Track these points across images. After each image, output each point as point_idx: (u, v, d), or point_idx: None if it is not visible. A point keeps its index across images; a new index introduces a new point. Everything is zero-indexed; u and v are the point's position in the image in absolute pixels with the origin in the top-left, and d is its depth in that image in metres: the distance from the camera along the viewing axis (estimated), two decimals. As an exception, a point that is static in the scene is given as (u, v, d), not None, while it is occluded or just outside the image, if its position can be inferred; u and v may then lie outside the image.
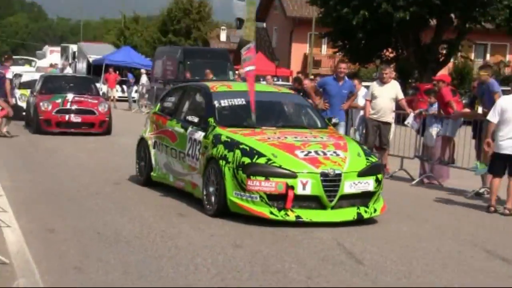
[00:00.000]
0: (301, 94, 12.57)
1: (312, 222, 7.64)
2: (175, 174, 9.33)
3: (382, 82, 12.01)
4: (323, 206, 7.75)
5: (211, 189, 8.24)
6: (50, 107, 17.94)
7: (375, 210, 8.13)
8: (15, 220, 7.62)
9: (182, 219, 7.99)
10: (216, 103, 9.17)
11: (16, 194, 9.19)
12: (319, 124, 9.63)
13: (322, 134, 8.98)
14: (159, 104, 10.96)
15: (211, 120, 8.85)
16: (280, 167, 7.72)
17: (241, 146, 8.06)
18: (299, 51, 42.67)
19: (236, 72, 23.66)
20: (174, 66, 27.08)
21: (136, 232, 7.42)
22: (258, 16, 44.43)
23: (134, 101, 30.15)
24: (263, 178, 7.63)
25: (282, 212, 7.61)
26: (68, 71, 33.61)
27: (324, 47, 40.30)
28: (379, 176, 8.25)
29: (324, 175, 7.64)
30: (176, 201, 8.98)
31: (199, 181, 8.57)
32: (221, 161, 8.05)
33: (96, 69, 36.03)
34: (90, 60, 38.33)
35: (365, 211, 7.99)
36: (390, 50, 29.56)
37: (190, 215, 8.26)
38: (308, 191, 7.65)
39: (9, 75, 17.21)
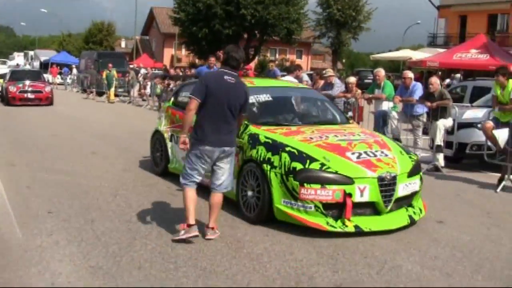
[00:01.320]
0: (168, 78, 14.16)
1: (371, 231, 6.48)
2: None
3: None
4: (377, 212, 6.68)
5: (249, 193, 7.05)
6: (15, 89, 24.79)
7: (420, 211, 7.20)
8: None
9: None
10: None
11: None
12: (340, 119, 8.78)
13: (355, 130, 8.05)
14: (172, 98, 9.99)
15: None
16: (336, 173, 6.52)
17: (287, 149, 6.82)
18: (168, 53, 64.02)
19: (131, 66, 35.07)
20: (92, 63, 39.28)
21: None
22: (144, 31, 73.44)
23: (68, 85, 42.36)
24: (318, 186, 6.40)
25: (339, 223, 6.44)
26: (27, 67, 51.64)
27: (183, 50, 56.86)
28: (421, 173, 7.42)
29: (381, 179, 6.58)
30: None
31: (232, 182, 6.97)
32: (265, 166, 6.79)
33: (45, 66, 52.01)
34: (42, 60, 56.60)
35: (414, 213, 7.03)
36: (221, 51, 40.87)
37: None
38: (366, 198, 6.52)
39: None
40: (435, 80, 12.24)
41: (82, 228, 6.58)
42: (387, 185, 6.65)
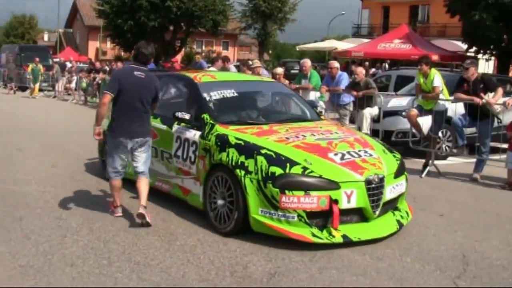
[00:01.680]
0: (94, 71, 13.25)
1: (361, 241, 5.91)
2: (155, 175, 7.44)
3: None
4: (365, 218, 6.09)
5: (219, 202, 6.34)
6: None
7: (407, 214, 6.66)
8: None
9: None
10: (206, 96, 7.35)
11: None
12: (311, 115, 8.05)
13: (331, 128, 7.37)
14: None
15: (206, 116, 7.00)
16: (320, 177, 5.86)
17: (263, 152, 6.09)
18: (93, 46, 61.91)
19: (55, 59, 34.34)
20: (14, 56, 38.06)
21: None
22: (67, 24, 70.59)
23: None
24: (301, 193, 5.73)
25: (326, 233, 5.80)
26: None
27: (108, 43, 53.54)
28: (406, 173, 6.86)
29: (368, 182, 5.98)
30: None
31: (195, 188, 6.81)
32: (238, 171, 6.05)
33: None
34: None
35: (401, 217, 6.49)
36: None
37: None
38: (353, 204, 5.91)
39: None
40: (360, 70, 12.52)
41: (10, 227, 6.40)
42: (374, 188, 6.06)
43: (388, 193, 6.28)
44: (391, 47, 29.17)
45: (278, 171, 5.90)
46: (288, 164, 5.96)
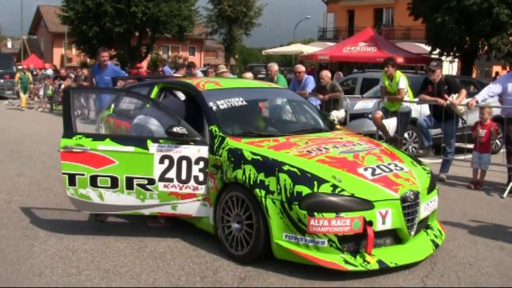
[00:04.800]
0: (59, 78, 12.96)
1: (397, 266, 5.36)
2: (110, 210, 6.31)
3: None
4: (399, 240, 5.53)
5: (235, 225, 5.71)
6: None
7: (440, 232, 6.13)
8: None
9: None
10: (212, 105, 6.54)
11: None
12: (325, 124, 7.44)
13: (352, 138, 6.78)
14: (112, 105, 8.30)
15: (214, 129, 6.23)
16: (352, 196, 5.26)
17: (285, 168, 5.46)
18: (58, 52, 61.82)
19: (19, 67, 33.70)
20: (-26, 65, 36.34)
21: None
22: (31, 31, 69.69)
23: None
24: (333, 215, 5.12)
25: (359, 259, 5.21)
26: None
27: (74, 50, 52.88)
28: (437, 188, 6.33)
29: (404, 200, 5.42)
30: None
31: (202, 211, 6.09)
32: (258, 191, 5.41)
33: None
34: None
35: (435, 236, 5.96)
36: (113, 50, 41.02)
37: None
38: (388, 225, 5.34)
39: None
40: (326, 74, 12.59)
41: (-24, 237, 6.33)
42: (410, 206, 5.49)
43: (423, 211, 5.74)
44: (356, 50, 29.34)
45: (304, 190, 5.24)
46: (315, 182, 5.31)
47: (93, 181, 6.18)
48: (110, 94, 9.01)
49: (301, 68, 13.25)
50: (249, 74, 13.76)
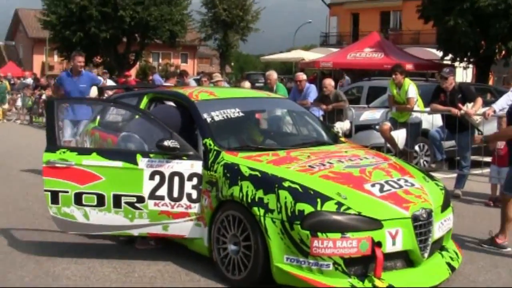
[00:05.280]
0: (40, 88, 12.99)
1: None
2: (95, 230, 6.30)
3: None
4: (411, 262, 5.42)
5: (231, 247, 5.67)
6: None
7: (457, 255, 6.05)
8: None
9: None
10: (206, 117, 6.54)
11: None
12: (329, 136, 7.45)
13: (358, 152, 6.80)
14: (98, 117, 8.30)
15: (209, 142, 6.22)
16: (359, 214, 5.20)
17: (285, 184, 5.43)
18: (38, 60, 60.95)
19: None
20: None
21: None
22: (9, 36, 68.96)
23: None
24: (338, 235, 5.06)
25: (367, 283, 5.12)
26: None
27: (55, 57, 52.80)
28: (452, 205, 6.24)
29: (415, 219, 5.35)
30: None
31: (196, 231, 6.04)
32: (256, 209, 5.38)
33: None
34: None
35: (451, 259, 5.87)
36: (99, 57, 41.72)
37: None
38: (398, 246, 5.25)
39: None
40: (329, 82, 12.60)
41: None
42: (422, 225, 5.41)
43: (437, 231, 5.66)
44: (361, 57, 29.38)
45: (307, 208, 5.17)
46: (318, 200, 5.25)
47: (78, 199, 6.16)
48: (95, 105, 8.95)
49: (302, 76, 13.25)
50: (247, 84, 13.78)
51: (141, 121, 6.65)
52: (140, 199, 6.07)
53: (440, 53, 29.71)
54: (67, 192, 6.16)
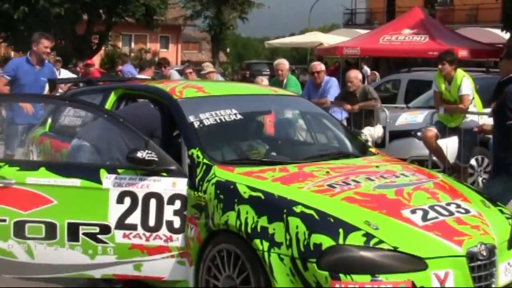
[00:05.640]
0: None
1: None
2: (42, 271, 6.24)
3: None
4: None
5: None
6: None
7: None
8: None
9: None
10: (193, 120, 6.48)
11: None
12: (355, 146, 7.48)
13: (393, 166, 6.82)
14: (49, 120, 8.35)
15: (196, 153, 6.14)
16: (395, 250, 5.06)
17: (297, 209, 5.31)
18: None
19: None
20: None
21: None
22: None
23: None
24: (367, 278, 4.92)
25: None
26: None
27: None
28: None
29: (472, 257, 5.19)
30: None
31: (178, 271, 5.93)
32: (258, 242, 5.27)
33: None
34: None
35: None
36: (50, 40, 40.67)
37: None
38: None
39: None
40: (355, 75, 12.55)
41: None
42: (481, 267, 5.22)
43: (503, 274, 5.49)
44: (399, 40, 29.24)
45: (325, 241, 5.04)
46: (341, 230, 5.10)
47: (19, 229, 6.08)
48: (45, 103, 8.99)
49: (319, 66, 13.18)
50: (264, 81, 13.69)
51: (104, 125, 6.62)
52: (105, 229, 5.98)
53: (506, 35, 29.69)
54: (3, 221, 6.09)
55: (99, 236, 5.96)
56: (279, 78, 13.10)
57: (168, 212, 5.92)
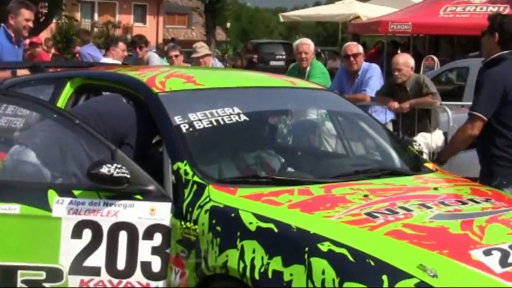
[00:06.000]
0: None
1: None
2: None
3: None
4: None
5: None
6: None
7: None
8: None
9: None
10: (180, 122, 6.45)
11: None
12: (404, 159, 7.55)
13: (457, 189, 6.96)
14: None
15: (184, 168, 6.08)
16: None
17: (323, 248, 5.16)
18: None
19: None
20: None
21: None
22: None
23: None
24: None
25: None
26: None
27: None
28: None
29: None
30: None
31: None
32: None
33: None
34: None
35: None
36: None
37: None
38: None
39: None
40: (404, 60, 12.53)
41: None
42: None
43: None
44: (467, 12, 29.32)
45: None
46: (384, 278, 4.91)
47: None
48: None
49: (356, 48, 13.17)
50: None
51: (56, 128, 6.60)
52: (54, 275, 5.97)
53: None
54: None
55: (46, 285, 5.94)
56: (301, 65, 13.12)
57: (144, 251, 5.86)
